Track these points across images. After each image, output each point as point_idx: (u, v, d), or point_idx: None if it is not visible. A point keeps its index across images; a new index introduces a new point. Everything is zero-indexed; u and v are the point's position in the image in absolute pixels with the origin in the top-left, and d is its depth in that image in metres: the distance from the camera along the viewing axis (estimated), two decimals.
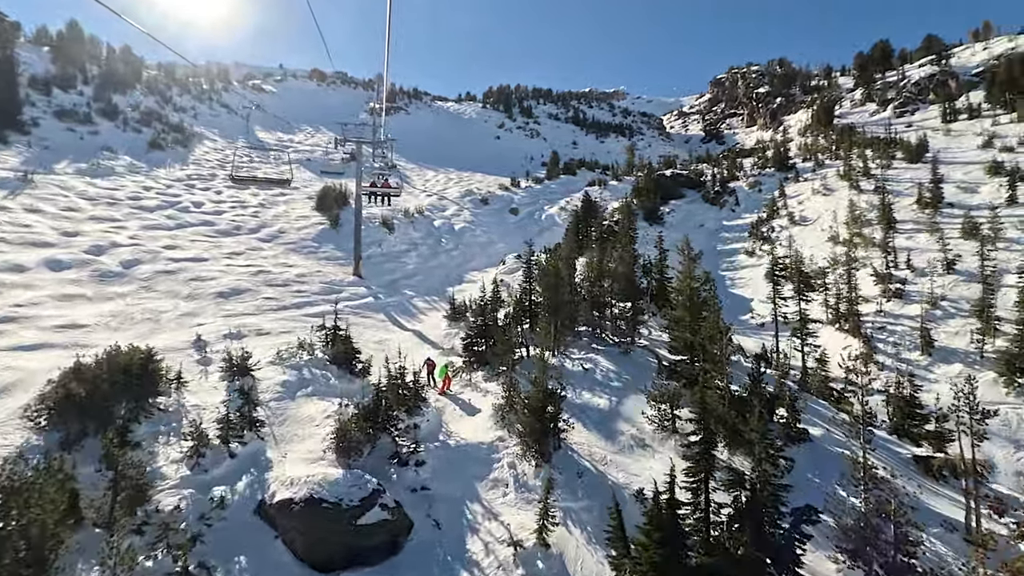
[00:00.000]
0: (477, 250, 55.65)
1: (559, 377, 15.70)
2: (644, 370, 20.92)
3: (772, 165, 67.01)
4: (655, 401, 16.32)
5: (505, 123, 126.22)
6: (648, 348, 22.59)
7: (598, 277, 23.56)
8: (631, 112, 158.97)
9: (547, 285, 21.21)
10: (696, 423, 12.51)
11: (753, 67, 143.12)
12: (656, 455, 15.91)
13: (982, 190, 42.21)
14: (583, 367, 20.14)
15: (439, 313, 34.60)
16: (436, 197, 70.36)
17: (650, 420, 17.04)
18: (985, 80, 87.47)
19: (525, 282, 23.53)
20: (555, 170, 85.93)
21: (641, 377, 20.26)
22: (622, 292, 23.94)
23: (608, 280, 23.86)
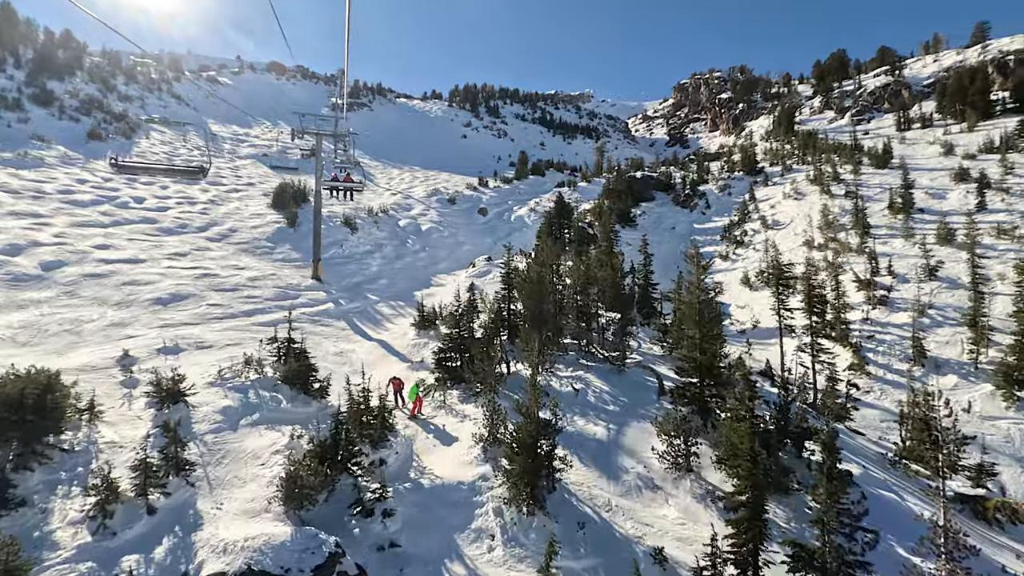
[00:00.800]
0: (445, 252, 52.78)
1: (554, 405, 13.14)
2: (642, 391, 18.62)
3: (741, 169, 66.38)
4: (665, 434, 13.95)
5: (472, 122, 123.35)
6: (644, 366, 20.24)
7: (585, 285, 21.22)
8: (597, 115, 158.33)
9: (530, 294, 18.71)
10: (739, 478, 10.21)
11: (715, 73, 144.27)
12: (670, 499, 13.45)
13: (950, 196, 41.88)
14: (573, 387, 17.61)
15: (406, 320, 31.67)
16: (401, 196, 67.06)
17: (660, 456, 14.50)
18: (936, 91, 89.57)
19: (503, 289, 20.99)
20: (524, 170, 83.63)
21: (640, 399, 17.95)
22: (610, 301, 21.66)
23: (595, 288, 21.51)
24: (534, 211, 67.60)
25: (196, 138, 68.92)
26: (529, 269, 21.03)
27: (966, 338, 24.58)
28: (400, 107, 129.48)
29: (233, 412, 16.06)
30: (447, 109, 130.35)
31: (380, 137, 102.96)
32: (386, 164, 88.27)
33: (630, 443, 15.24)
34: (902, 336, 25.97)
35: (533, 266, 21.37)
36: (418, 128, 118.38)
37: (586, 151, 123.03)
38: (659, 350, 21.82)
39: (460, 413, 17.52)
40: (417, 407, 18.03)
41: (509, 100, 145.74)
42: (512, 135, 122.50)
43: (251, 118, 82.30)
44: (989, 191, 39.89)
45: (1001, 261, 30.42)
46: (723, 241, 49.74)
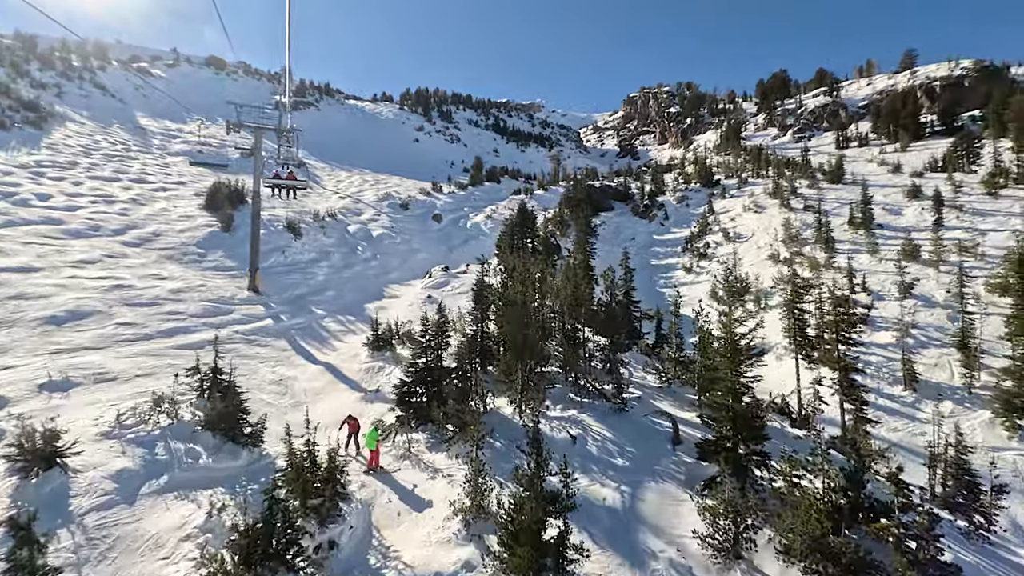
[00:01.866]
0: (398, 260, 48.87)
1: (565, 474, 9.81)
2: (652, 438, 15.40)
3: (698, 181, 65.70)
4: (710, 513, 10.87)
5: (424, 126, 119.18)
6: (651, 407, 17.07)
7: (573, 305, 18.23)
8: (550, 124, 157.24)
9: (513, 318, 15.56)
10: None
11: (664, 88, 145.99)
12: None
13: (906, 212, 41.76)
14: (569, 432, 14.37)
15: (358, 338, 27.83)
16: (350, 200, 62.52)
17: (702, 540, 11.15)
18: (871, 112, 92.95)
19: (476, 309, 17.75)
20: (479, 176, 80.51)
21: (651, 450, 14.63)
22: (600, 324, 18.76)
23: (583, 309, 18.54)
24: (491, 218, 64.60)
25: (121, 131, 62.10)
26: (507, 287, 17.90)
27: (954, 360, 23.21)
28: (349, 108, 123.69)
29: (131, 476, 12.06)
30: (399, 112, 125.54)
31: (328, 138, 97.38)
32: (334, 166, 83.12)
33: (652, 513, 12.08)
34: (888, 357, 24.43)
35: (513, 284, 18.22)
36: (368, 130, 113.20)
37: (540, 159, 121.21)
38: (653, 379, 19.10)
39: (429, 465, 14.03)
40: (375, 459, 14.44)
41: (462, 106, 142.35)
42: (465, 141, 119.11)
43: (186, 112, 75.37)
44: (943, 208, 39.89)
45: (970, 278, 29.65)
46: (685, 253, 48.20)
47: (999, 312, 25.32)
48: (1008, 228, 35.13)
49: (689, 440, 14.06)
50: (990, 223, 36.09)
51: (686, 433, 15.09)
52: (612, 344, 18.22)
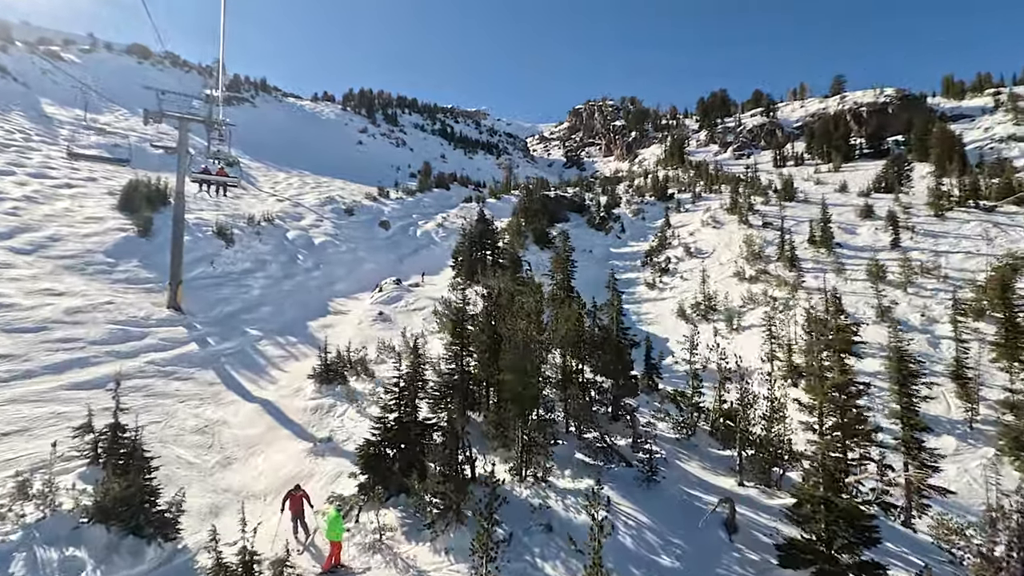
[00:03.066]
0: (343, 270, 44.57)
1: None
2: (697, 521, 11.62)
3: (653, 194, 64.86)
4: None
5: (368, 128, 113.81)
6: (681, 469, 13.80)
7: (576, 343, 15.24)
8: (497, 131, 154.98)
9: (513, 365, 12.39)
10: None
11: (609, 101, 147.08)
12: None
13: (861, 232, 41.85)
14: (590, 514, 10.43)
15: (301, 366, 23.84)
16: (289, 203, 57.34)
17: None
18: (805, 133, 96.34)
19: (454, 344, 14.46)
20: (427, 182, 76.74)
21: (703, 542, 11.07)
22: (605, 365, 15.88)
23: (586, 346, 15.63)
24: (443, 227, 61.12)
25: (21, 119, 54.25)
26: (492, 317, 14.72)
27: (948, 391, 22.10)
28: (288, 107, 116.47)
29: None
30: (341, 113, 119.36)
31: (264, 136, 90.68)
32: (271, 166, 76.98)
33: None
34: (880, 388, 23.08)
35: (502, 315, 15.01)
36: (309, 130, 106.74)
37: (488, 167, 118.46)
38: (664, 427, 16.41)
39: (411, 564, 10.44)
40: (336, 555, 10.78)
41: (408, 109, 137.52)
42: (411, 145, 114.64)
43: (102, 102, 67.40)
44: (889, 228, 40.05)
45: (938, 301, 29.20)
46: (646, 267, 46.68)
47: (975, 337, 24.61)
48: (960, 250, 35.40)
49: (745, 527, 11.19)
50: (943, 244, 36.37)
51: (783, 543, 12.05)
52: (619, 387, 15.45)
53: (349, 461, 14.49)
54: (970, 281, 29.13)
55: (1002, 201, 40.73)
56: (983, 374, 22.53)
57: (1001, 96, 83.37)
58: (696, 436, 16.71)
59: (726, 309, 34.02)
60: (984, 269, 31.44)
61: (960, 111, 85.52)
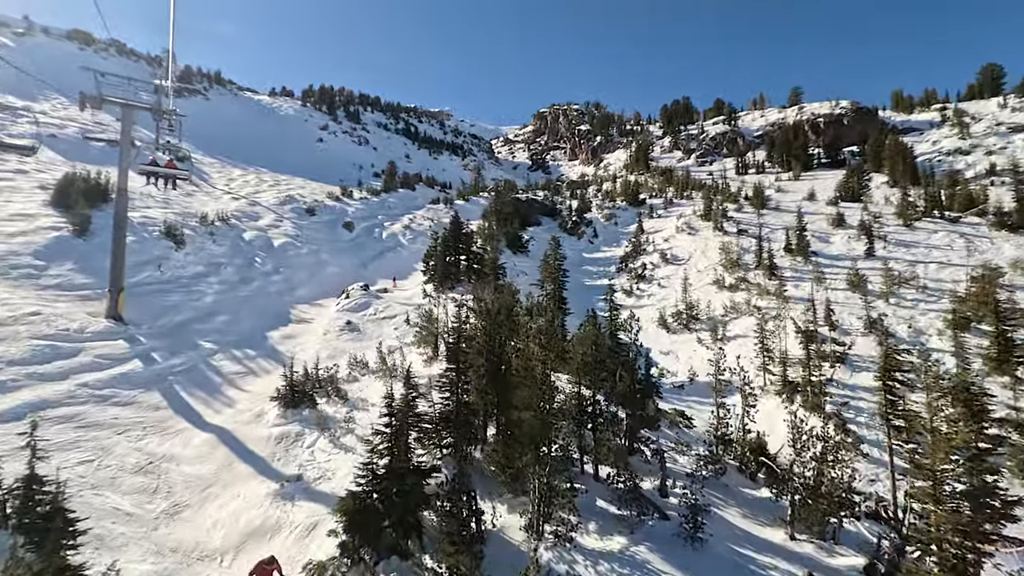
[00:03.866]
0: (305, 273, 41.58)
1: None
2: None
3: (624, 199, 64.03)
4: None
5: (330, 126, 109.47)
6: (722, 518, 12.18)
7: (592, 369, 13.29)
8: (462, 132, 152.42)
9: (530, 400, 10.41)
10: None
11: (574, 106, 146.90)
12: None
13: (834, 240, 41.80)
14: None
15: (262, 384, 21.26)
16: (246, 202, 53.61)
17: None
18: (765, 142, 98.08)
19: (451, 369, 12.36)
20: (392, 182, 73.87)
21: None
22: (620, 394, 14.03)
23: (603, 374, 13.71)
24: (409, 228, 58.53)
25: None
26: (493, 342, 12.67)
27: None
28: (244, 101, 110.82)
29: None
30: (301, 109, 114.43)
31: (218, 130, 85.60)
32: (225, 162, 72.41)
33: None
34: (877, 402, 22.23)
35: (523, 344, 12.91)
36: (266, 126, 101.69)
37: (453, 168, 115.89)
38: (686, 462, 14.65)
39: None
40: None
41: (370, 107, 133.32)
42: (375, 144, 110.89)
43: (37, 88, 61.66)
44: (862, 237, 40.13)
45: (920, 312, 28.88)
46: (621, 273, 45.53)
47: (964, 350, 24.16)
48: (933, 260, 35.47)
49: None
50: (915, 254, 36.49)
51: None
52: (637, 417, 13.65)
53: (324, 507, 12.25)
54: (950, 292, 28.91)
55: (966, 213, 41.49)
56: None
57: (947, 111, 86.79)
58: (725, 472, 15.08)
59: (709, 318, 33.04)
60: (960, 279, 31.49)
61: (910, 124, 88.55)
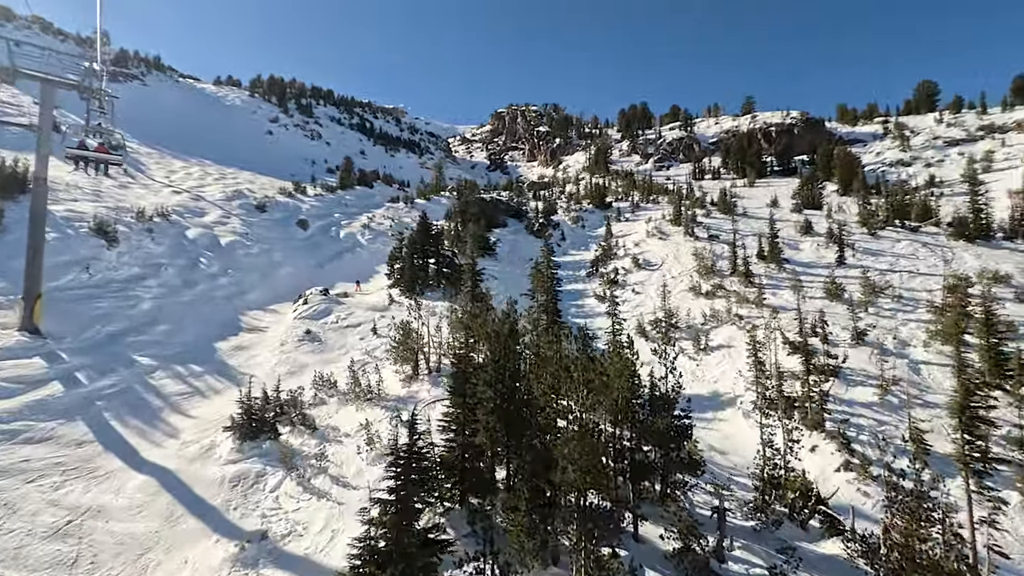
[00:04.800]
0: (256, 275, 38.07)
1: None
2: None
3: (591, 202, 62.79)
4: None
5: (280, 118, 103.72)
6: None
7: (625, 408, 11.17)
8: (418, 130, 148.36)
9: (583, 453, 8.20)
10: None
11: (532, 107, 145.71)
12: None
13: (803, 247, 41.74)
14: None
15: (212, 407, 18.32)
16: (189, 196, 49.18)
17: None
18: (720, 149, 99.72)
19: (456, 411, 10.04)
20: (349, 179, 70.11)
21: None
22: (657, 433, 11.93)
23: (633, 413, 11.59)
24: (369, 228, 55.28)
25: None
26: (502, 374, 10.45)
27: (950, 426, 20.57)
28: (186, 89, 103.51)
29: None
30: (248, 100, 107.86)
31: (157, 118, 79.41)
32: (165, 153, 66.79)
33: None
34: (879, 420, 21.31)
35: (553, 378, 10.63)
36: (211, 116, 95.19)
37: (410, 165, 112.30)
38: (731, 505, 12.56)
39: None
40: None
41: (323, 101, 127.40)
42: (328, 138, 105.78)
43: None
44: (830, 245, 40.26)
45: (901, 323, 28.53)
46: (592, 278, 44.14)
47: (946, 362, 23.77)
48: (902, 269, 35.64)
49: None
50: (884, 263, 36.68)
51: None
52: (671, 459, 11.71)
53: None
54: (927, 302, 28.82)
55: (924, 222, 42.39)
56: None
57: (889, 124, 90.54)
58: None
59: (688, 327, 31.93)
60: (932, 288, 31.60)
61: (855, 136, 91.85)
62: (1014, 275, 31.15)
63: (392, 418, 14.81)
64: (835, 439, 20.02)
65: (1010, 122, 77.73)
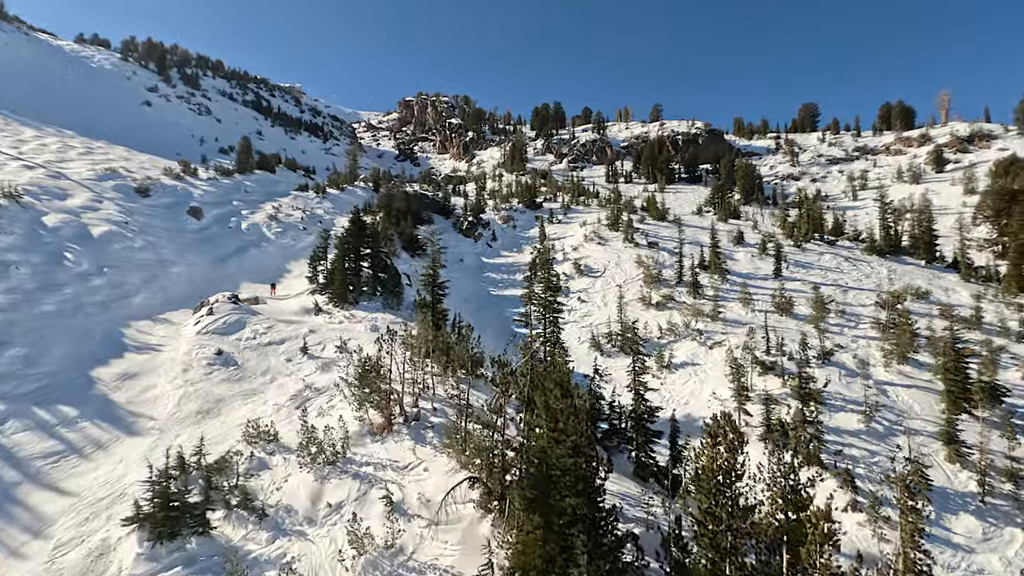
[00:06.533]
0: (139, 277, 31.16)
1: None
2: None
3: (520, 201, 60.07)
4: None
5: (160, 87, 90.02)
6: None
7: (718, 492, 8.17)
8: (321, 112, 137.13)
9: None
10: None
11: (443, 97, 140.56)
12: None
13: (739, 257, 41.91)
14: None
15: (96, 471, 13.23)
16: (45, 172, 39.87)
17: None
18: (632, 153, 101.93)
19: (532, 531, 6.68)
20: (248, 162, 61.78)
21: None
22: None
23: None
24: (276, 220, 48.50)
25: None
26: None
27: (936, 453, 20.16)
28: (39, 45, 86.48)
29: None
30: (120, 63, 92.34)
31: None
32: (11, 119, 54.43)
33: None
34: (870, 451, 20.40)
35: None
36: (72, 79, 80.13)
37: (314, 150, 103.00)
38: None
39: None
40: None
41: (212, 72, 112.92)
42: (219, 115, 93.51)
43: None
44: (767, 257, 40.47)
45: (850, 339, 28.49)
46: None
47: (910, 383, 24.08)
48: (832, 283, 36.31)
49: None
50: (814, 275, 37.64)
51: None
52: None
53: None
54: (873, 319, 29.33)
55: (840, 236, 44.69)
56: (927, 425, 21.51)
57: (780, 140, 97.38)
58: None
59: (646, 340, 30.29)
60: (865, 304, 32.54)
61: (751, 149, 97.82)
62: (932, 291, 33.03)
63: (384, 499, 10.85)
64: (834, 473, 18.88)
65: (880, 145, 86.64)
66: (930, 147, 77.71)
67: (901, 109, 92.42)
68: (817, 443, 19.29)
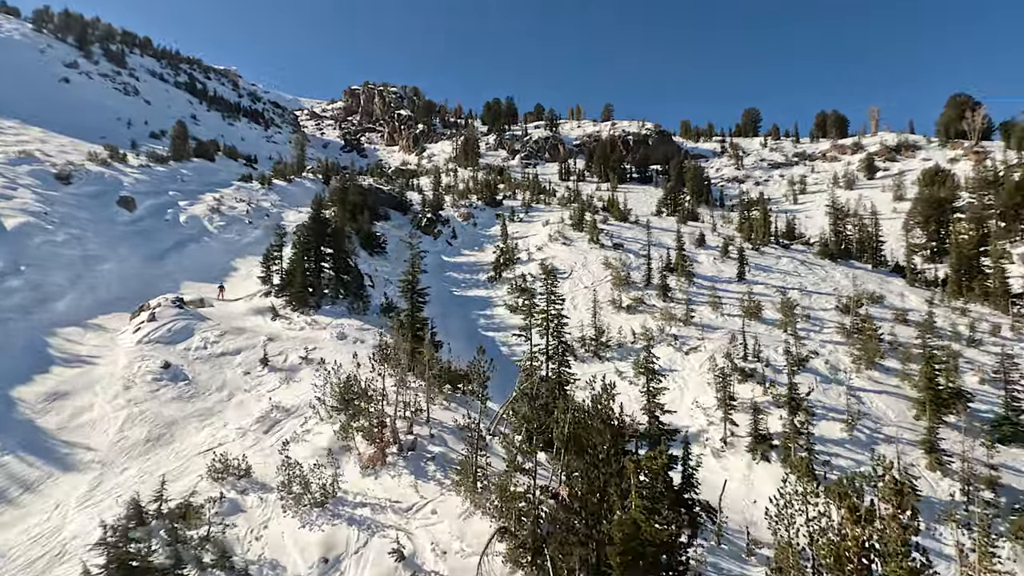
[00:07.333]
0: (64, 276, 27.66)
1: None
2: None
3: (480, 198, 58.41)
4: None
5: (80, 63, 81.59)
6: None
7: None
8: (261, 98, 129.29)
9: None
10: None
11: (391, 87, 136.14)
12: None
13: (702, 260, 42.11)
14: None
15: (25, 522, 10.96)
16: None
17: None
18: (584, 151, 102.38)
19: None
20: (184, 148, 56.95)
21: None
22: None
23: None
24: (218, 212, 44.77)
25: None
26: None
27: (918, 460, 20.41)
28: None
29: None
30: (33, 35, 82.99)
31: None
32: None
33: None
34: (855, 460, 20.42)
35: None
36: None
37: (254, 137, 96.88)
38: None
39: None
40: None
41: (139, 50, 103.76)
42: (148, 96, 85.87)
43: None
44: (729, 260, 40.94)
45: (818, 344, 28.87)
46: (495, 283, 40.40)
47: (879, 388, 24.60)
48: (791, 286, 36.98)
49: None
50: (775, 278, 38.37)
51: None
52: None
53: None
54: (838, 324, 29.95)
55: (794, 240, 46.10)
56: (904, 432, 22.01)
57: (725, 143, 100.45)
58: None
59: (620, 345, 29.85)
60: (826, 308, 33.37)
61: (699, 151, 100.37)
62: (885, 296, 34.40)
63: (393, 552, 9.25)
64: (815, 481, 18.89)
65: (817, 152, 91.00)
66: (862, 155, 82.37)
67: (836, 118, 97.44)
68: (809, 455, 19.19)
